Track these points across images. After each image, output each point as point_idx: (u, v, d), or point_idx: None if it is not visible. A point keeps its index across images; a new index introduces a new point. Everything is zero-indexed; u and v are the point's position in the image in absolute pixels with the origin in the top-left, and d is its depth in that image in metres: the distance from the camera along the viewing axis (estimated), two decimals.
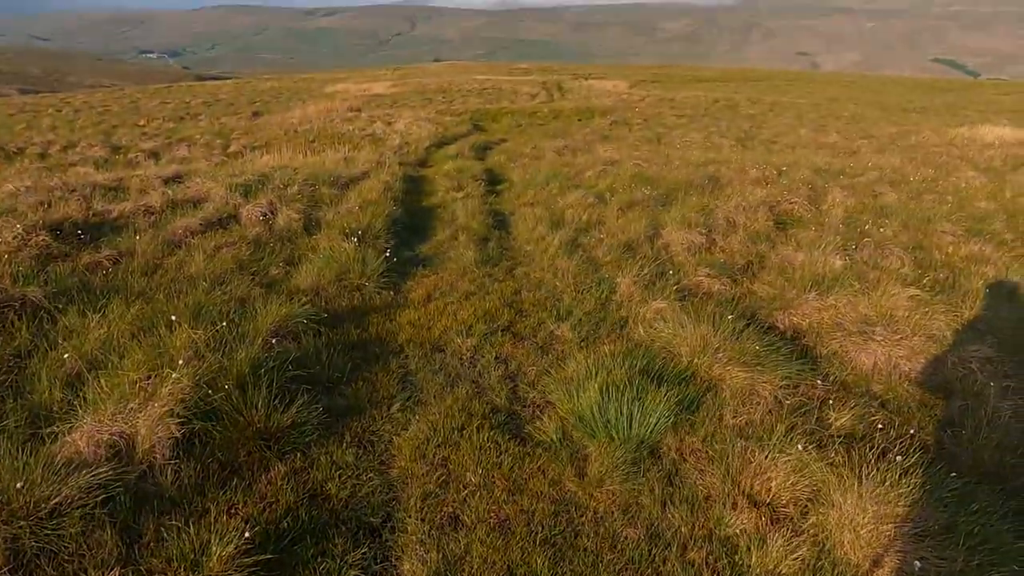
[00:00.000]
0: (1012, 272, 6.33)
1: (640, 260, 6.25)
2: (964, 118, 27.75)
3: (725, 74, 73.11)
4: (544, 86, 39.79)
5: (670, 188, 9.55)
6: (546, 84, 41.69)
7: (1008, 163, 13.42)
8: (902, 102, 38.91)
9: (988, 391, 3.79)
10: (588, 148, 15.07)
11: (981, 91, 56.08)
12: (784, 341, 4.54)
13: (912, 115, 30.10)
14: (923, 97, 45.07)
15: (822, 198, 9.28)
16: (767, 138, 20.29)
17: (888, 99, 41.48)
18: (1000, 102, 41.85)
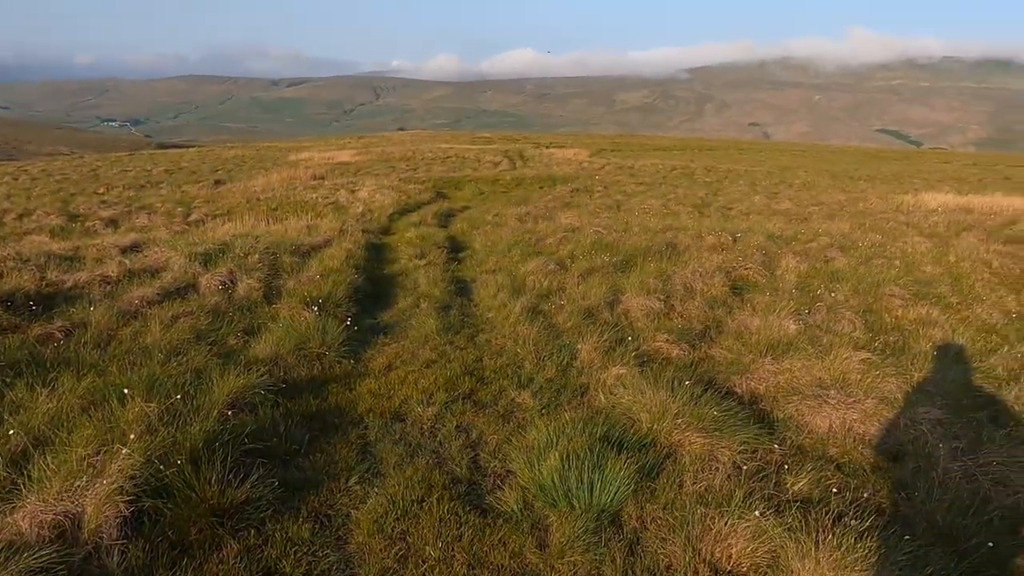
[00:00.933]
0: (958, 334, 6.54)
1: (600, 326, 6.32)
2: (909, 185, 28.96)
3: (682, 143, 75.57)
4: (506, 154, 40.59)
5: (629, 254, 9.73)
6: (508, 152, 42.54)
7: (951, 228, 13.97)
8: (850, 170, 40.49)
9: (938, 453, 3.88)
10: (550, 215, 15.33)
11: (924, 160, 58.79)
12: (742, 405, 4.61)
13: (860, 183, 31.28)
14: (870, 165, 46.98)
15: (776, 263, 9.55)
16: (723, 205, 20.87)
17: (837, 167, 43.11)
18: (942, 170, 43.82)
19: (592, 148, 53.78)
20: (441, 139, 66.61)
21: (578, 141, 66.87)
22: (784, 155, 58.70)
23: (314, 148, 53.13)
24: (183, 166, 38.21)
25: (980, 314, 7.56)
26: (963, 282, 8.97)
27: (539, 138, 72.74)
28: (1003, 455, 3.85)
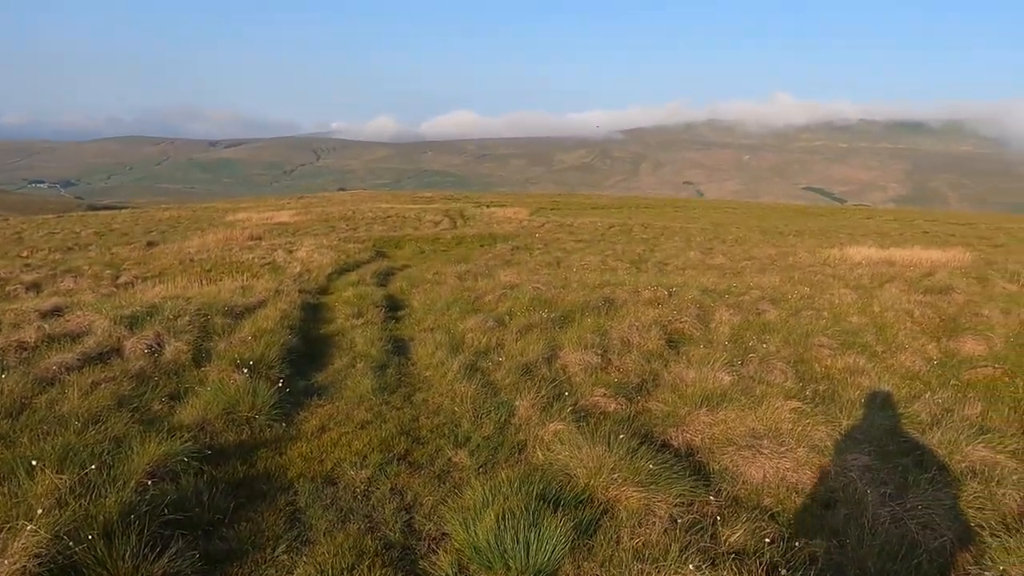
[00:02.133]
0: (884, 382, 6.76)
1: (538, 382, 6.31)
2: (835, 240, 30.18)
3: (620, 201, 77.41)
4: (447, 213, 40.86)
5: (568, 310, 9.81)
6: (449, 212, 42.85)
7: (875, 280, 14.55)
8: (780, 226, 42.05)
9: (868, 499, 3.95)
10: (489, 273, 15.39)
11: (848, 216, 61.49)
12: (678, 458, 4.62)
13: (789, 238, 32.48)
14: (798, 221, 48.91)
15: (710, 316, 9.75)
16: (660, 260, 21.35)
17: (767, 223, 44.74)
18: (865, 225, 45.91)
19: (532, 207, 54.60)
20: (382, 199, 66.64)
21: (518, 200, 67.84)
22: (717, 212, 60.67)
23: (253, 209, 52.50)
24: (115, 228, 37.21)
25: (904, 362, 7.83)
26: (887, 331, 9.31)
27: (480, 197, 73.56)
28: (928, 499, 3.94)
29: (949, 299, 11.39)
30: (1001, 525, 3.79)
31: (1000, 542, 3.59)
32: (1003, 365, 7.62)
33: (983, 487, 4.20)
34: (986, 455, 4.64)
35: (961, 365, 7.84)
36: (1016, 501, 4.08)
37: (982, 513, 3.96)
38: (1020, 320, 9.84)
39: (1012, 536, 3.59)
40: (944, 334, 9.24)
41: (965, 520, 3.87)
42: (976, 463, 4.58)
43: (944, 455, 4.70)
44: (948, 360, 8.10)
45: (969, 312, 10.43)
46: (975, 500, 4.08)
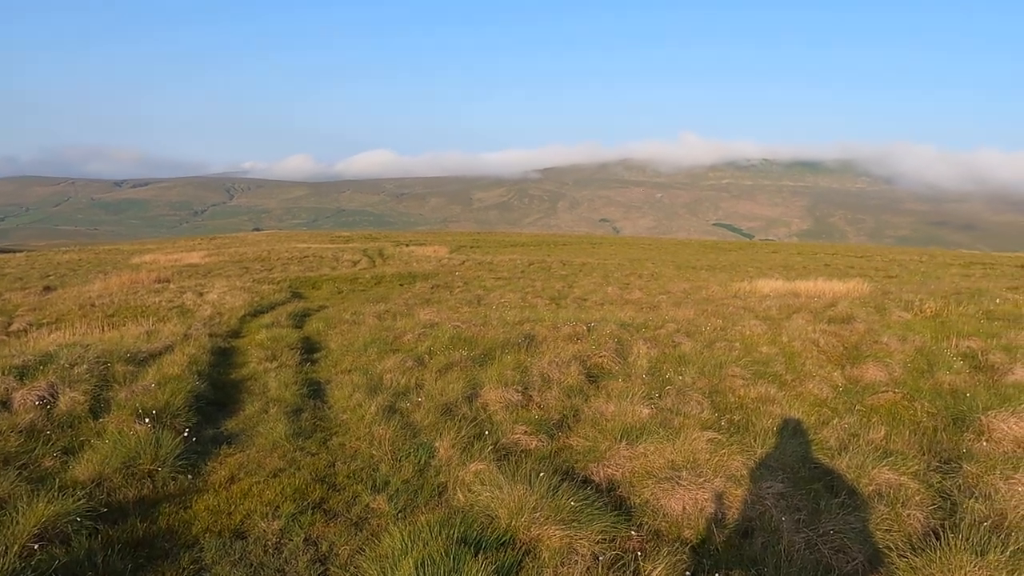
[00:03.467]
0: (794, 409, 6.97)
1: (459, 422, 6.21)
2: (745, 273, 31.35)
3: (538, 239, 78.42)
4: (366, 253, 40.42)
5: (488, 348, 9.76)
6: (368, 251, 42.40)
7: (783, 311, 15.12)
8: (693, 261, 43.42)
9: (783, 526, 4.02)
10: (409, 312, 15.22)
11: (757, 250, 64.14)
12: (599, 494, 4.61)
13: (702, 272, 33.54)
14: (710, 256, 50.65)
15: (628, 350, 9.88)
16: (578, 296, 21.63)
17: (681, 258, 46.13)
18: (772, 259, 47.93)
19: (452, 245, 54.67)
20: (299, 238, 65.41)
21: (438, 238, 67.85)
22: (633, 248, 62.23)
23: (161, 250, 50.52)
24: (7, 272, 35.05)
25: (812, 389, 8.11)
26: (796, 360, 9.64)
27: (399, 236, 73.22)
28: (840, 523, 4.05)
29: (851, 328, 11.91)
30: (907, 545, 3.92)
31: (907, 562, 3.71)
32: (903, 390, 7.99)
33: (889, 509, 4.35)
34: (891, 477, 4.81)
35: (865, 391, 8.17)
36: (920, 521, 4.24)
37: (890, 535, 4.09)
38: (916, 347, 10.36)
39: (918, 556, 3.72)
40: (848, 362, 9.63)
41: (874, 542, 3.99)
42: (882, 486, 4.75)
43: (853, 479, 4.86)
44: (852, 386, 8.43)
45: (870, 340, 10.92)
46: (883, 522, 4.22)
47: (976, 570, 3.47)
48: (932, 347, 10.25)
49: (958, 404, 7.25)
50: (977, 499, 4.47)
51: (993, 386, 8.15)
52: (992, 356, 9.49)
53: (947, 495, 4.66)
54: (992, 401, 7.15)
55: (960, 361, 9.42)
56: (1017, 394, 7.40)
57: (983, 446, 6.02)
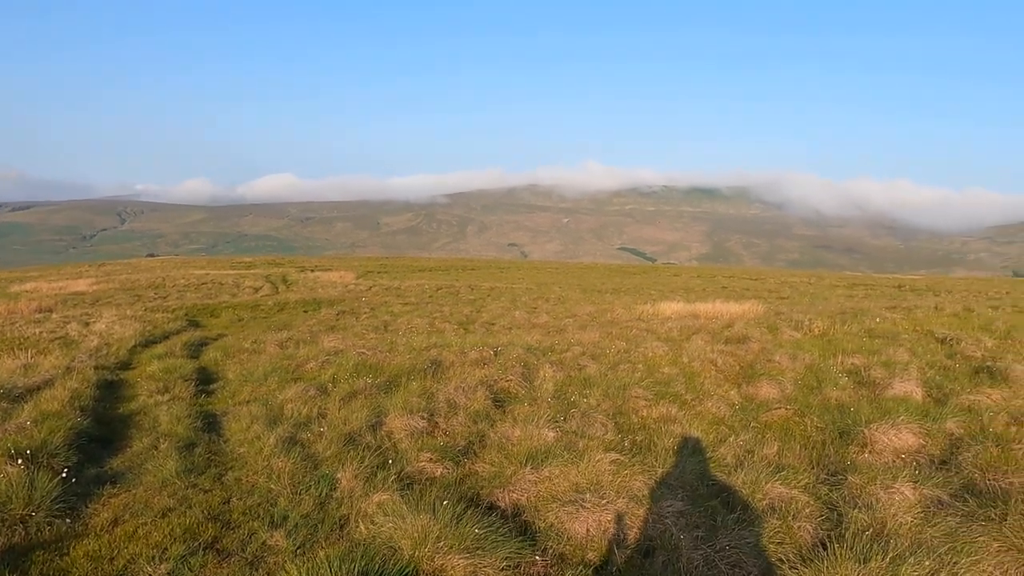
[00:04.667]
0: (694, 428, 7.18)
1: (362, 451, 6.07)
2: (648, 296, 32.25)
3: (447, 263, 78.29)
4: (269, 279, 39.23)
5: (395, 374, 9.62)
6: (271, 277, 41.17)
7: (683, 333, 15.61)
8: (598, 284, 44.34)
9: (682, 544, 4.11)
10: (313, 339, 14.83)
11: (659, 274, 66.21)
12: (504, 519, 4.59)
13: (607, 295, 34.29)
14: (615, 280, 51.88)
15: (535, 374, 9.94)
16: (486, 321, 21.67)
17: (587, 282, 47.03)
18: (674, 282, 49.56)
19: (359, 270, 53.86)
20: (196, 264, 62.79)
21: (345, 263, 66.68)
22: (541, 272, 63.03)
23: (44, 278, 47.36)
24: None
25: (710, 408, 8.38)
26: (695, 380, 9.95)
27: (304, 261, 71.49)
28: (735, 538, 4.18)
29: (747, 348, 12.41)
30: (798, 557, 4.08)
31: (797, 573, 3.86)
32: (794, 406, 8.36)
33: (781, 522, 4.53)
34: (783, 491, 5.01)
35: (759, 408, 8.51)
36: (809, 533, 4.43)
37: (782, 547, 4.25)
38: (806, 364, 10.89)
39: (807, 567, 3.87)
40: (744, 380, 10.02)
41: (767, 556, 4.13)
42: (775, 499, 4.94)
43: (748, 494, 5.03)
44: (748, 404, 8.77)
45: (764, 359, 11.41)
46: (775, 535, 4.38)
47: None
48: (820, 364, 10.81)
49: (844, 418, 7.64)
50: (860, 509, 4.71)
51: (875, 400, 8.65)
52: (873, 372, 10.09)
53: (834, 506, 4.89)
54: (874, 414, 7.58)
55: (845, 377, 9.97)
56: (896, 407, 7.86)
57: (866, 458, 6.37)
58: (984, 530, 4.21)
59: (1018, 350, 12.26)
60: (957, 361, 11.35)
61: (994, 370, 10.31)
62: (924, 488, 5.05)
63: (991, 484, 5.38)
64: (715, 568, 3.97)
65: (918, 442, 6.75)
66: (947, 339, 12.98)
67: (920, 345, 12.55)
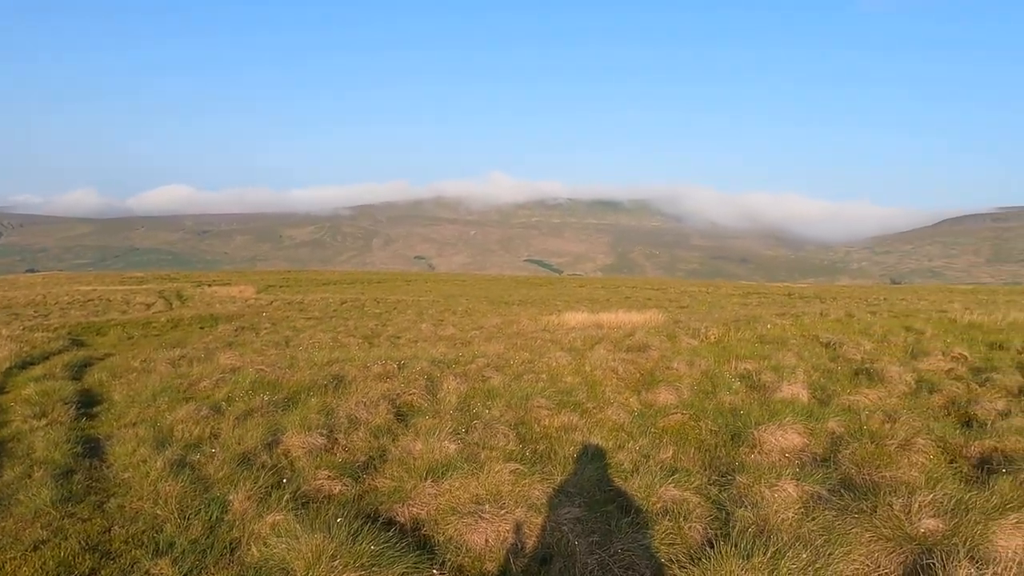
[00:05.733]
0: (594, 436, 7.31)
1: (257, 471, 5.87)
2: (554, 307, 32.71)
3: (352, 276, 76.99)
4: (162, 295, 37.49)
5: (294, 391, 9.37)
6: (164, 292, 39.37)
7: (587, 342, 15.89)
8: (505, 296, 44.63)
9: (579, 549, 4.18)
10: (208, 357, 14.25)
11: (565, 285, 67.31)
12: (403, 534, 4.54)
13: (514, 307, 34.56)
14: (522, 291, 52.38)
15: (439, 387, 9.89)
16: (392, 334, 21.44)
17: (494, 294, 47.27)
18: (579, 293, 50.49)
19: (260, 284, 52.29)
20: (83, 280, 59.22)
21: (244, 278, 64.47)
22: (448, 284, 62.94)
23: None
24: None
25: (611, 415, 8.55)
26: (597, 388, 10.14)
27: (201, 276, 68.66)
28: (629, 541, 4.28)
29: (647, 355, 12.75)
30: (687, 557, 4.22)
31: (686, 572, 3.99)
32: (690, 411, 8.65)
33: (673, 523, 4.67)
34: (676, 494, 5.18)
35: (657, 414, 8.75)
36: (699, 532, 4.60)
37: (672, 548, 4.39)
38: (702, 370, 11.30)
39: (695, 566, 4.01)
40: (644, 387, 10.29)
41: (659, 557, 4.26)
42: (668, 502, 5.09)
43: (642, 498, 5.16)
44: (647, 410, 9.00)
45: (663, 366, 11.75)
46: (667, 536, 4.52)
47: (743, 573, 3.80)
48: (715, 370, 11.23)
49: (736, 421, 7.97)
50: (747, 507, 4.92)
51: (765, 403, 9.05)
52: (764, 376, 10.57)
53: (722, 506, 5.09)
54: (763, 416, 7.94)
55: (738, 382, 10.40)
56: (783, 409, 8.26)
57: (755, 458, 6.66)
58: (857, 522, 4.49)
59: (893, 352, 13.13)
60: (839, 364, 12.04)
61: (872, 371, 11.01)
62: (805, 485, 5.33)
63: (865, 478, 5.74)
64: (609, 572, 4.05)
65: (803, 441, 7.11)
66: (831, 343, 13.74)
67: (807, 349, 13.24)
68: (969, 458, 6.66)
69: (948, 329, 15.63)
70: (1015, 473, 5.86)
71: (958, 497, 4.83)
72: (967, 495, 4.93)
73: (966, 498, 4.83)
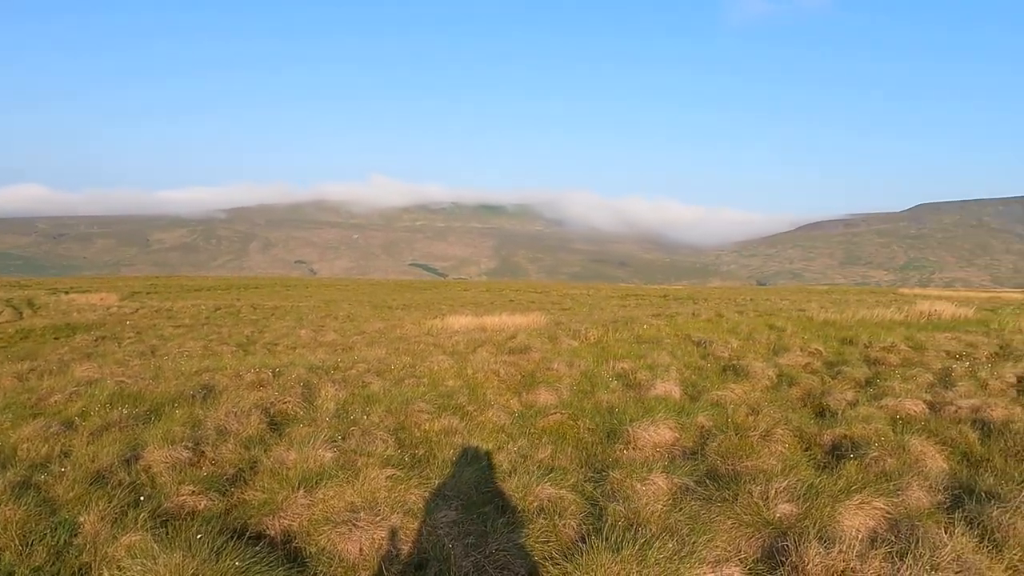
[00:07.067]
0: (474, 438, 7.31)
1: (112, 490, 5.46)
2: (438, 311, 32.59)
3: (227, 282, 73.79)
4: (10, 303, 34.44)
5: (158, 403, 8.81)
6: (13, 300, 36.17)
7: (469, 346, 15.91)
8: (389, 300, 44.08)
9: (454, 552, 4.15)
10: (62, 369, 13.26)
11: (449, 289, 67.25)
12: (272, 548, 4.36)
13: (398, 311, 34.16)
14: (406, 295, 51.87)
15: (316, 394, 9.59)
16: (269, 341, 20.72)
17: (378, 298, 46.57)
18: (464, 297, 50.59)
19: (124, 291, 49.14)
20: None
21: (107, 284, 60.33)
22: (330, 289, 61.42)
23: None
24: None
25: (491, 417, 8.58)
26: (478, 391, 10.16)
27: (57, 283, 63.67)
28: (505, 542, 4.30)
29: (528, 357, 12.91)
30: (561, 554, 4.28)
31: (560, 568, 4.05)
32: (569, 410, 8.82)
33: (548, 521, 4.73)
34: (552, 492, 5.25)
35: (537, 414, 8.86)
36: (574, 529, 4.68)
37: (547, 546, 4.44)
38: (581, 370, 11.56)
39: (568, 561, 4.08)
40: (524, 388, 10.40)
41: (533, 556, 4.30)
42: (544, 500, 5.16)
43: (519, 498, 5.20)
44: (527, 411, 9.10)
45: (543, 367, 11.93)
46: (542, 535, 4.57)
47: (613, 566, 3.90)
48: (594, 370, 11.52)
49: (613, 419, 8.20)
50: (619, 502, 5.07)
51: (640, 400, 9.37)
52: (639, 375, 10.95)
53: (596, 502, 5.21)
54: (638, 414, 8.21)
55: (615, 381, 10.71)
56: (657, 406, 8.58)
57: (629, 454, 6.87)
58: (720, 510, 4.72)
59: (757, 349, 13.95)
60: (709, 361, 12.66)
61: (738, 368, 11.64)
62: (675, 477, 5.54)
63: (730, 468, 6.05)
64: (484, 573, 4.05)
65: (674, 436, 7.40)
66: (702, 342, 14.43)
67: (680, 348, 13.83)
68: (822, 445, 7.16)
69: (806, 327, 16.79)
70: (861, 458, 6.35)
71: (810, 482, 5.18)
72: (818, 480, 5.30)
73: (817, 483, 5.19)
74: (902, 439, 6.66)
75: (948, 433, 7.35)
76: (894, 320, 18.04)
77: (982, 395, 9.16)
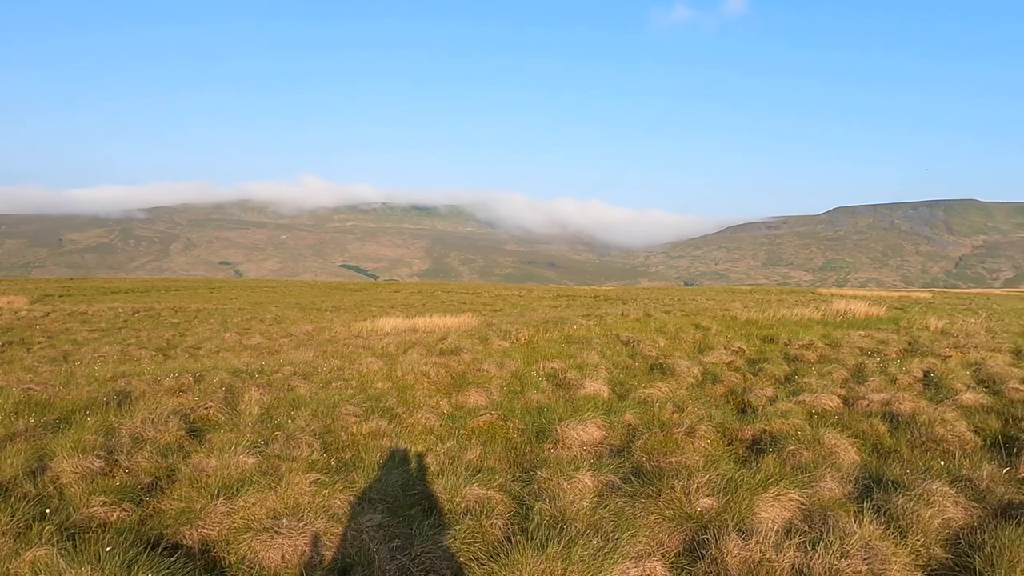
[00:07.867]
0: (403, 441, 7.23)
1: (16, 503, 5.16)
2: (368, 313, 32.16)
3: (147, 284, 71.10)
4: None
5: (68, 411, 8.40)
6: None
7: (400, 347, 15.75)
8: (318, 302, 43.25)
9: (378, 556, 4.09)
10: None
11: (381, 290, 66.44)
12: (189, 558, 4.21)
13: (327, 313, 33.54)
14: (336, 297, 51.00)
15: (239, 399, 9.32)
16: (191, 345, 20.06)
17: (307, 300, 45.64)
18: (395, 298, 50.06)
19: (35, 294, 46.77)
20: None
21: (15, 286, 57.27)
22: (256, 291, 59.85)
23: None
24: None
25: (421, 419, 8.50)
26: (408, 393, 10.05)
27: None
28: (431, 544, 4.26)
29: (459, 359, 12.86)
30: (487, 554, 4.26)
31: (485, 569, 4.04)
32: (499, 411, 8.81)
33: (475, 522, 4.71)
34: (480, 492, 5.23)
35: (468, 415, 8.82)
36: (500, 529, 4.67)
37: (473, 546, 4.42)
38: (511, 371, 11.58)
39: (494, 562, 4.07)
40: (455, 390, 10.36)
41: (459, 557, 4.27)
42: (472, 501, 5.13)
43: (447, 499, 5.17)
44: (458, 412, 9.06)
45: (474, 368, 11.91)
46: (469, 535, 4.54)
47: (538, 564, 3.91)
48: (525, 370, 11.56)
49: (542, 418, 8.23)
50: (545, 500, 5.09)
51: (569, 400, 9.45)
52: (569, 374, 11.05)
53: (523, 501, 5.22)
54: (567, 413, 8.28)
55: (546, 380, 10.78)
56: (586, 405, 8.67)
57: (557, 452, 6.91)
58: (644, 506, 4.80)
59: (683, 348, 14.28)
60: (637, 360, 12.88)
61: (665, 366, 11.88)
62: (601, 475, 5.61)
63: (655, 465, 6.16)
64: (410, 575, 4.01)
65: (602, 434, 7.49)
66: (630, 341, 14.67)
67: (609, 348, 14.03)
68: (744, 440, 7.37)
69: (730, 326, 17.29)
70: (779, 451, 6.57)
71: (730, 476, 5.33)
72: (738, 474, 5.45)
73: (737, 477, 5.34)
74: (817, 433, 6.91)
75: (860, 426, 7.68)
76: (812, 319, 18.77)
77: (892, 389, 9.62)
